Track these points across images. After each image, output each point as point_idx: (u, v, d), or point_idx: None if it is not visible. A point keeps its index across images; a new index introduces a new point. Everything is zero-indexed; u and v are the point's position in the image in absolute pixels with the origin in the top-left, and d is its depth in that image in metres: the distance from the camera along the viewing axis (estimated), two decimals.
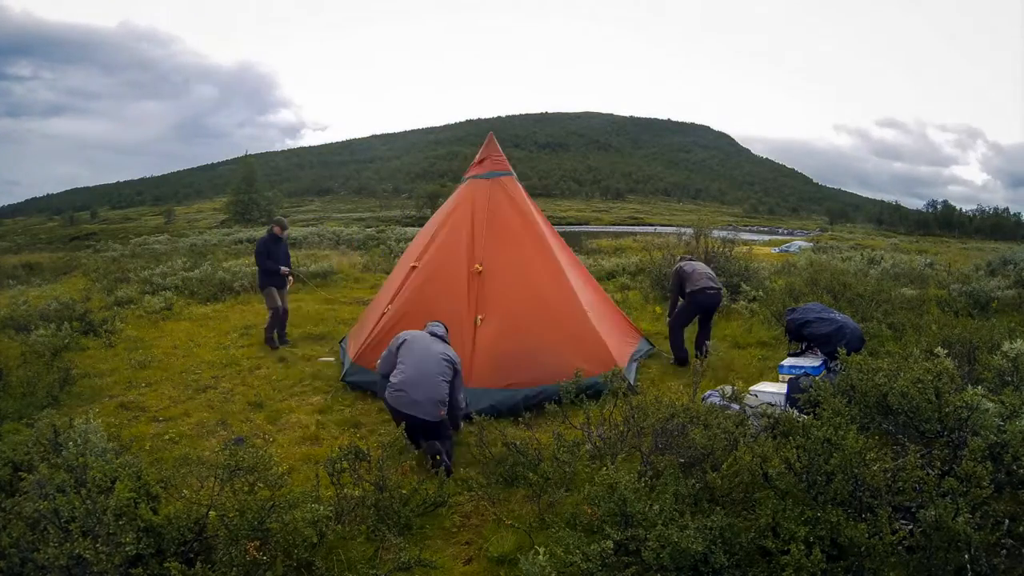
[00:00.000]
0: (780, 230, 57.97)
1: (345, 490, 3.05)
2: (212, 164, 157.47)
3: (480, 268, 5.20)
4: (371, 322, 5.63)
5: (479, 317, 4.99)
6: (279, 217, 7.52)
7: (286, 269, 7.03)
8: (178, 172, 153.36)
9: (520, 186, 6.12)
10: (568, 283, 5.43)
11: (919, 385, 2.99)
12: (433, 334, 4.24)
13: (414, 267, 5.69)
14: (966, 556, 2.27)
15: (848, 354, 3.70)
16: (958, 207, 71.90)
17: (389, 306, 5.48)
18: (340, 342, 6.68)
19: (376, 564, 2.76)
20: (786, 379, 4.49)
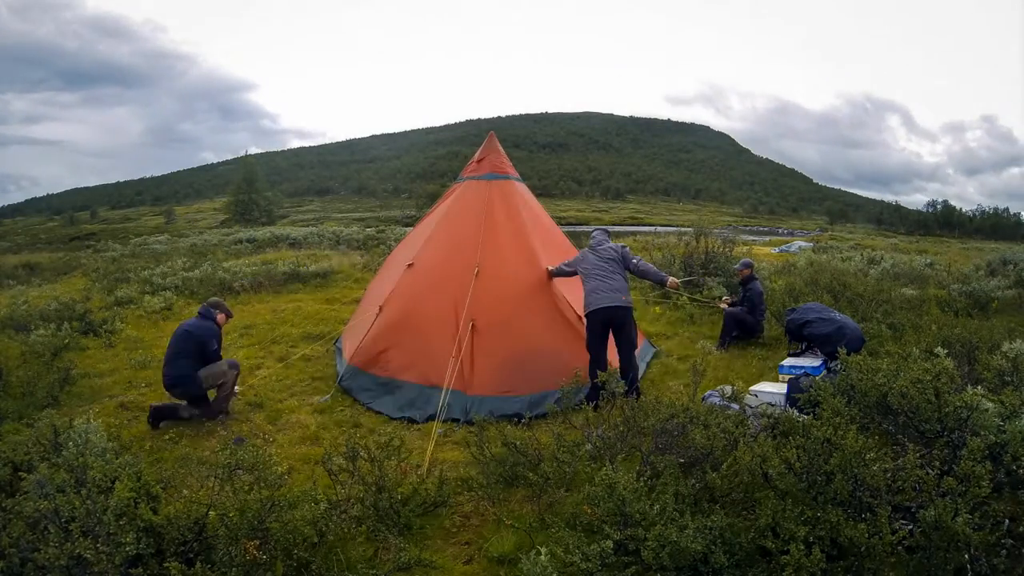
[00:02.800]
0: (780, 230, 57.95)
1: (345, 490, 3.05)
2: (212, 164, 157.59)
3: (478, 270, 5.19)
4: (366, 323, 5.62)
5: (471, 322, 4.95)
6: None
7: None
8: (178, 172, 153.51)
9: (519, 188, 6.08)
10: (558, 289, 5.38)
11: (919, 385, 2.99)
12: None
13: (410, 266, 5.69)
14: (966, 556, 2.27)
15: (848, 354, 3.71)
16: (959, 207, 71.93)
17: (384, 307, 5.47)
18: (335, 343, 6.67)
19: (376, 564, 2.76)
20: (786, 379, 4.50)
